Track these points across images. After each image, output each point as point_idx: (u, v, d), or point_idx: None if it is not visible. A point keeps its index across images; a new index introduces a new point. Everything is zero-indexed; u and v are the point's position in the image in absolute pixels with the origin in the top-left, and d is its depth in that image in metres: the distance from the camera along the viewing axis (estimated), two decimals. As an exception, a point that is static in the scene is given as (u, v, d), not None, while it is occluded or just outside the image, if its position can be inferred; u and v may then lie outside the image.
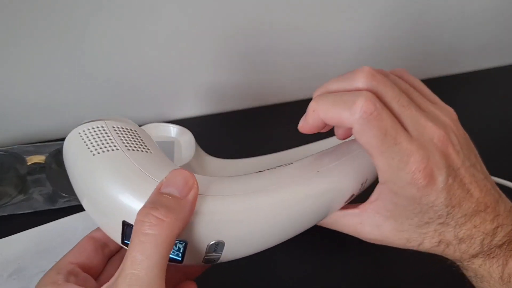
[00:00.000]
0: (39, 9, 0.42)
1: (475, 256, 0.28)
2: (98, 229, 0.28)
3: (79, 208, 0.41)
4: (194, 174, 0.23)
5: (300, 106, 0.67)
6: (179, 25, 0.49)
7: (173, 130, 0.42)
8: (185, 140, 0.41)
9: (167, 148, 0.40)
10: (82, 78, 0.49)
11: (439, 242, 0.27)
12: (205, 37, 0.51)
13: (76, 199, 0.42)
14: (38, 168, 0.44)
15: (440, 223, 0.27)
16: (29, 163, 0.43)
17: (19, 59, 0.45)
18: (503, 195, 0.29)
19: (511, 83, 0.71)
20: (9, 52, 0.44)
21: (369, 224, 0.29)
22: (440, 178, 0.25)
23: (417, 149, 0.25)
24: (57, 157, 0.44)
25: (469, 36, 0.68)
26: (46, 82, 0.47)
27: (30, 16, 0.42)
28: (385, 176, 0.26)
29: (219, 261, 0.26)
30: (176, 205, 0.21)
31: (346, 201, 0.30)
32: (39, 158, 0.44)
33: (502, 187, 0.45)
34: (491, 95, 0.67)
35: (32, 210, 0.41)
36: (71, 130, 0.26)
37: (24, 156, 0.44)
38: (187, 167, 0.38)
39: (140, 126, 0.41)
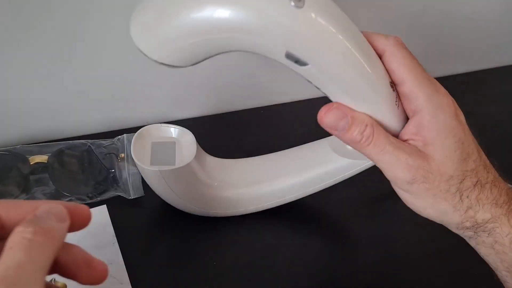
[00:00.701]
0: (41, 11, 0.42)
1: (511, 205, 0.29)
2: None
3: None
4: None
5: (300, 106, 0.67)
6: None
7: (174, 131, 0.42)
8: (186, 140, 0.41)
9: (168, 149, 0.41)
10: (84, 79, 0.49)
11: (477, 182, 0.29)
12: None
13: (78, 198, 0.42)
14: (40, 167, 0.44)
15: (474, 160, 0.29)
16: (31, 163, 0.44)
17: (21, 60, 0.45)
18: None
19: (511, 83, 0.71)
20: (12, 53, 0.44)
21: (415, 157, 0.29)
22: (461, 115, 0.29)
23: (440, 85, 0.29)
24: (59, 157, 0.44)
25: (470, 36, 0.68)
26: (48, 83, 0.48)
27: (32, 17, 0.43)
28: (422, 98, 0.28)
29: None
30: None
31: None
32: (41, 158, 0.44)
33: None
34: (491, 95, 0.67)
35: (34, 210, 0.42)
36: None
37: (27, 156, 0.44)
38: (188, 167, 0.39)
39: (141, 127, 0.41)
